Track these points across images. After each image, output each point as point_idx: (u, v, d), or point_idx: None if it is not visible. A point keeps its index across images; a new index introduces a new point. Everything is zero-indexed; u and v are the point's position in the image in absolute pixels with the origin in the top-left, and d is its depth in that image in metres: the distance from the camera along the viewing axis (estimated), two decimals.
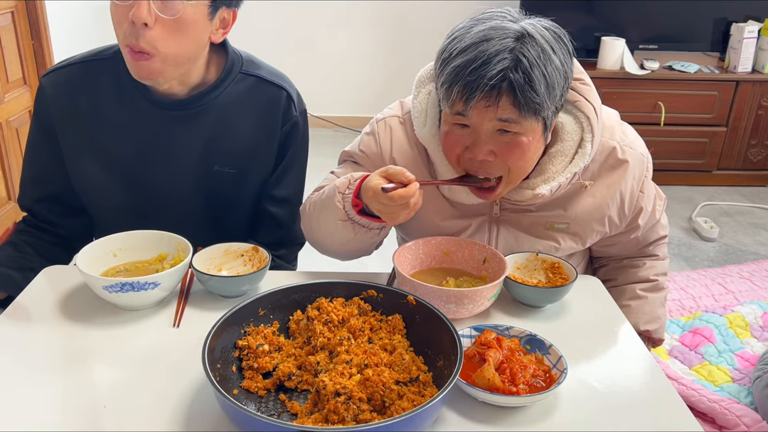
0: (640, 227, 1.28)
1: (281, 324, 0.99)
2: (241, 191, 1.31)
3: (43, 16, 2.86)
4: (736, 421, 1.61)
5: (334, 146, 4.26)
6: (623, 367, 1.01)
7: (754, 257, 3.00)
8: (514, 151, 1.06)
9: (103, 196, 1.29)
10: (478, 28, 1.03)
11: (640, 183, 1.22)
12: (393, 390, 0.84)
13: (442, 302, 1.03)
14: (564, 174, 1.13)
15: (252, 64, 1.30)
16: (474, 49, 1.00)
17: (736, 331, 2.11)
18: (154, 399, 0.88)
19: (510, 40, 0.99)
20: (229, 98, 1.25)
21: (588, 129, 1.13)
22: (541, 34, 1.02)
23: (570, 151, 1.14)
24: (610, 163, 1.19)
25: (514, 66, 0.98)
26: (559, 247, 1.23)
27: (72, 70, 1.26)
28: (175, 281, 1.08)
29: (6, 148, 2.68)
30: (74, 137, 1.26)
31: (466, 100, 1.01)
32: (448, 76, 1.02)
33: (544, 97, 1.00)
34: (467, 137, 1.07)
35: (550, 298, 1.13)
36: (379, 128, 1.25)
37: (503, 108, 1.01)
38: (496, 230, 1.23)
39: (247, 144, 1.28)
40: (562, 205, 1.20)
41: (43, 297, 1.11)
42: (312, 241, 1.27)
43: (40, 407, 0.86)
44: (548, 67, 1.00)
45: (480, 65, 0.98)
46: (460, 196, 1.20)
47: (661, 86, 3.61)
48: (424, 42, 4.45)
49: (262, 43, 4.03)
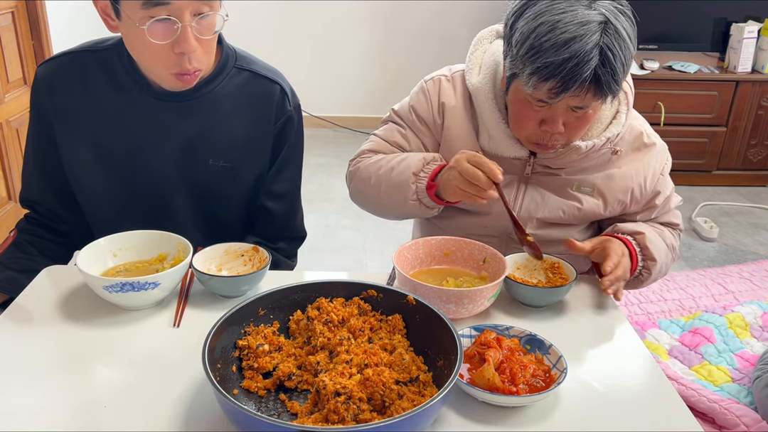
0: (657, 207, 1.33)
1: (281, 324, 0.99)
2: (236, 185, 1.31)
3: (43, 16, 2.86)
4: (736, 421, 1.61)
5: (334, 146, 4.26)
6: (623, 367, 1.01)
7: (754, 257, 3.01)
8: (582, 124, 1.16)
9: (97, 187, 1.29)
10: (566, 18, 1.05)
11: (662, 168, 1.32)
12: (393, 390, 0.84)
13: (442, 302, 1.03)
14: (599, 137, 1.23)
15: (245, 59, 1.30)
16: (567, 47, 1.04)
17: (736, 331, 2.11)
18: (154, 399, 0.88)
19: (597, 34, 1.04)
20: (223, 92, 1.26)
21: (624, 102, 1.25)
22: (617, 17, 1.07)
23: (606, 120, 1.25)
24: (636, 145, 1.30)
25: (602, 62, 1.05)
26: (582, 207, 1.29)
27: (66, 60, 1.25)
28: (175, 281, 1.08)
29: (6, 147, 2.68)
30: (68, 127, 1.25)
31: (557, 93, 1.07)
32: (541, 70, 1.06)
33: (620, 82, 1.09)
34: (543, 112, 1.14)
35: (550, 298, 1.13)
36: (428, 86, 1.35)
37: (587, 98, 1.09)
38: (524, 188, 1.30)
39: (242, 137, 1.28)
40: (590, 172, 1.29)
41: (43, 297, 1.11)
42: (364, 204, 1.39)
43: (40, 407, 0.86)
44: (626, 55, 1.07)
45: (575, 65, 1.04)
46: (499, 148, 1.26)
47: (660, 86, 3.61)
48: (424, 42, 4.46)
49: (262, 43, 4.03)
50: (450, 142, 1.31)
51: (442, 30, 4.39)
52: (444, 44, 4.37)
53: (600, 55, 1.04)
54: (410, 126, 1.36)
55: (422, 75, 1.43)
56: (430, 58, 4.38)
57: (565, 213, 1.29)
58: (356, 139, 4.48)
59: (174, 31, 1.08)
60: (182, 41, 1.08)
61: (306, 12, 4.31)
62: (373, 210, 1.38)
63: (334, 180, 3.72)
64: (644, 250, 1.26)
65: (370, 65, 4.54)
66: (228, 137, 1.27)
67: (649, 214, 1.35)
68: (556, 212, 1.29)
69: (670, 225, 1.38)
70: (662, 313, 2.29)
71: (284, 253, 1.40)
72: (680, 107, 3.65)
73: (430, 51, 4.44)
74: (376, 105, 4.56)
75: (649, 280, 1.30)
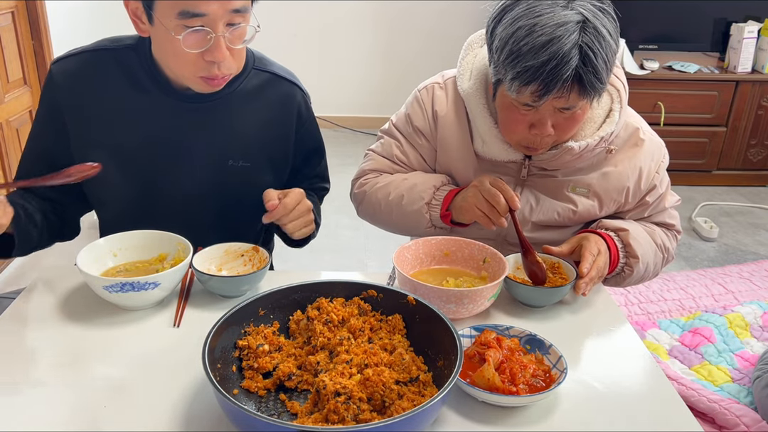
0: (649, 205, 1.32)
1: (281, 324, 0.99)
2: (255, 185, 1.31)
3: (43, 16, 2.86)
4: (736, 421, 1.62)
5: (334, 146, 4.26)
6: (623, 367, 1.01)
7: (754, 257, 3.01)
8: (571, 124, 1.16)
9: (113, 188, 1.27)
10: (542, 21, 1.05)
11: (658, 165, 1.31)
12: (393, 390, 0.84)
13: (442, 302, 1.03)
14: (593, 137, 1.22)
15: (263, 61, 1.31)
16: (545, 49, 1.03)
17: (736, 331, 2.11)
18: (154, 399, 0.88)
19: (575, 34, 1.04)
20: (243, 93, 1.26)
21: (617, 100, 1.24)
22: (596, 16, 1.06)
23: (599, 119, 1.24)
24: (632, 141, 1.29)
25: (582, 61, 1.04)
26: (577, 210, 1.29)
27: (84, 59, 1.23)
28: (175, 281, 1.08)
29: (6, 147, 2.68)
30: (84, 127, 1.24)
31: (540, 96, 1.07)
32: (521, 74, 1.06)
33: (605, 81, 1.09)
34: (531, 116, 1.14)
35: (550, 298, 1.13)
36: (422, 95, 1.36)
37: (572, 98, 1.08)
38: (520, 190, 1.30)
39: (261, 138, 1.29)
40: (586, 172, 1.28)
41: (43, 297, 1.11)
42: (372, 223, 1.43)
43: (40, 407, 0.86)
44: (608, 53, 1.07)
45: (554, 67, 1.03)
46: (493, 153, 1.26)
47: (660, 86, 3.61)
48: (423, 42, 4.46)
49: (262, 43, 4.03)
50: (446, 149, 1.31)
51: (443, 30, 4.40)
52: (445, 45, 4.37)
53: (580, 54, 1.03)
54: (408, 139, 1.36)
55: (423, 76, 1.43)
56: (431, 59, 4.38)
57: (560, 215, 1.29)
58: (356, 139, 4.48)
59: (207, 41, 1.08)
60: (215, 50, 1.09)
61: (307, 12, 4.31)
62: (385, 229, 1.43)
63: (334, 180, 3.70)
64: (627, 247, 1.24)
65: (370, 65, 4.54)
66: (247, 138, 1.27)
67: (641, 212, 1.33)
68: (551, 215, 1.29)
69: (664, 225, 1.37)
70: (662, 313, 2.29)
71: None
72: (680, 107, 3.65)
73: (431, 51, 4.44)
74: (377, 105, 4.56)
75: (633, 278, 1.28)
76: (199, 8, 1.04)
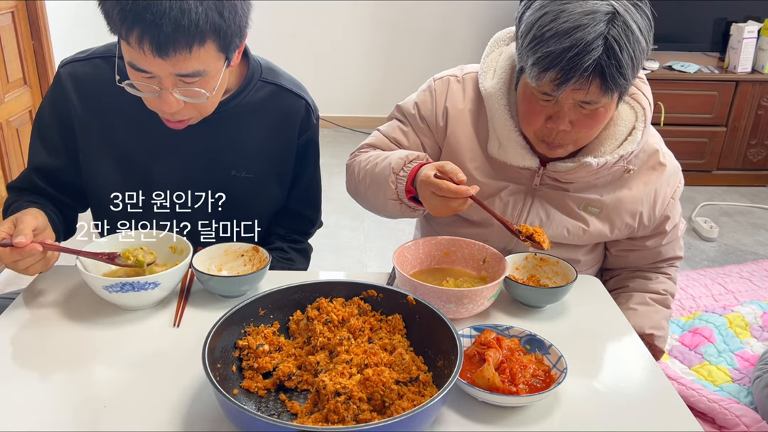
0: (667, 233, 1.31)
1: (281, 324, 0.99)
2: (257, 196, 1.31)
3: (43, 16, 2.86)
4: (736, 421, 1.61)
5: (334, 146, 4.26)
6: (623, 367, 1.01)
7: (753, 257, 3.01)
8: (591, 122, 1.12)
9: (115, 191, 1.27)
10: (570, 8, 1.03)
11: (673, 192, 1.28)
12: (393, 390, 0.84)
13: (442, 302, 1.03)
14: (612, 154, 1.18)
15: (271, 72, 1.29)
16: (568, 36, 1.01)
17: (736, 331, 2.11)
18: (154, 399, 0.88)
19: (602, 24, 1.01)
20: (248, 105, 1.25)
21: (642, 119, 1.20)
22: (627, 10, 1.04)
23: (621, 136, 1.20)
24: (651, 164, 1.26)
25: (606, 53, 1.02)
26: (587, 230, 1.26)
27: (94, 64, 1.23)
28: (175, 281, 1.08)
29: (6, 148, 2.68)
30: (89, 131, 1.24)
31: (558, 85, 1.05)
32: (542, 60, 1.04)
33: (629, 78, 1.06)
34: (550, 108, 1.12)
35: (550, 298, 1.13)
36: (436, 85, 1.31)
37: (592, 92, 1.05)
38: (530, 201, 1.27)
39: (265, 150, 1.28)
40: (599, 191, 1.25)
41: (43, 297, 1.11)
42: (356, 199, 1.36)
43: (40, 407, 0.86)
44: (636, 49, 1.04)
45: (575, 54, 1.01)
46: (508, 157, 1.22)
47: (660, 86, 3.61)
48: (423, 42, 4.45)
49: (261, 43, 4.02)
50: (454, 148, 1.27)
51: (444, 30, 4.39)
52: (445, 44, 4.37)
53: (605, 45, 1.01)
54: (412, 123, 1.32)
55: (423, 75, 1.42)
56: (431, 59, 4.38)
57: (570, 233, 1.26)
58: (356, 139, 4.47)
59: (156, 91, 1.06)
60: (162, 103, 1.07)
61: (307, 12, 4.31)
62: (365, 207, 1.34)
63: (334, 180, 3.71)
64: (652, 348, 1.30)
65: (370, 65, 4.54)
66: (251, 149, 1.27)
67: (659, 240, 1.31)
68: (561, 231, 1.25)
69: (673, 259, 1.36)
70: None
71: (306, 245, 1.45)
72: (680, 107, 3.64)
73: (431, 51, 4.43)
74: (377, 105, 4.56)
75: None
76: (142, 65, 1.03)
